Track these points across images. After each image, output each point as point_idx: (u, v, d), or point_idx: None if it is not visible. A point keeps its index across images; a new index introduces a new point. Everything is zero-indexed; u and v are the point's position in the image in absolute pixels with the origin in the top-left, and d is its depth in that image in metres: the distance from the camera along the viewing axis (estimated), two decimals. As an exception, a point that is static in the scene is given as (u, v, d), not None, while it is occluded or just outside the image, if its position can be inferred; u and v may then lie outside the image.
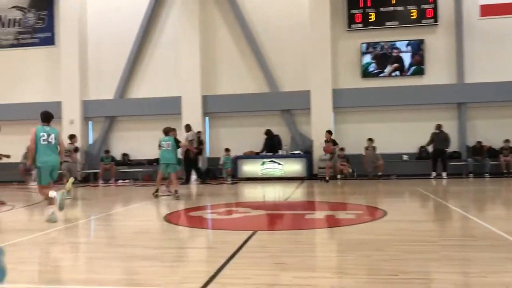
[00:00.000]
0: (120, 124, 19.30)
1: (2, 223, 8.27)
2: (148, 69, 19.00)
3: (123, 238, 6.54)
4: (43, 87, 19.57)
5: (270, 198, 12.04)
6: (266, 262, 4.68)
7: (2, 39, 19.92)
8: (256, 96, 17.95)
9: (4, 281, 3.64)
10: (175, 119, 18.23)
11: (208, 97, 18.23)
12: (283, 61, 18.12)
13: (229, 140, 18.06)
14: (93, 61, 19.28)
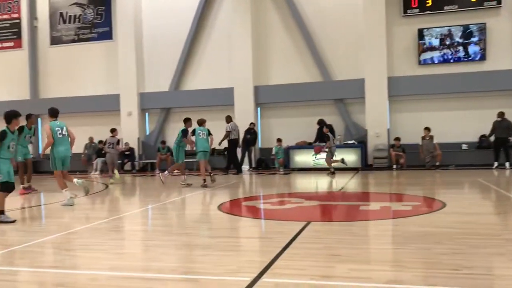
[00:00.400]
0: (175, 115, 19.69)
1: (65, 212, 8.68)
2: (201, 61, 19.24)
3: (179, 226, 6.70)
4: (102, 80, 20.29)
5: (323, 189, 11.93)
6: (320, 253, 4.64)
7: (63, 35, 20.80)
8: (308, 86, 17.76)
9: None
10: (227, 110, 18.41)
11: (260, 88, 18.24)
12: (336, 49, 17.80)
13: (281, 130, 18.02)
14: (148, 55, 19.76)
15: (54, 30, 20.81)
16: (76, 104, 20.02)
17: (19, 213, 8.04)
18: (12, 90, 21.10)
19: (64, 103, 20.25)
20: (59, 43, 20.77)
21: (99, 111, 19.82)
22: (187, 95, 19.11)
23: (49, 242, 5.60)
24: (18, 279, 4.09)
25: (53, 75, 20.92)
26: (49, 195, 11.43)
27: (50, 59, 20.96)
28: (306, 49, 17.93)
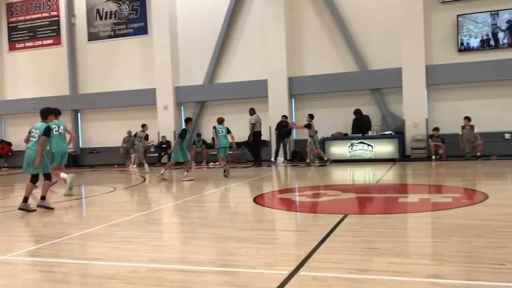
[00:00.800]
0: (209, 108, 19.84)
1: (105, 204, 8.89)
2: (235, 54, 19.26)
3: (215, 219, 6.75)
4: (139, 75, 20.62)
5: (360, 181, 11.78)
6: (358, 246, 4.58)
7: (100, 31, 21.23)
8: (343, 76, 17.51)
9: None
10: (261, 102, 18.40)
11: (294, 79, 18.11)
12: (372, 38, 17.45)
13: (315, 122, 17.75)
14: (183, 49, 19.92)
15: (91, 27, 21.26)
16: (114, 99, 20.47)
17: (60, 206, 8.29)
18: (53, 86, 21.73)
19: (102, 98, 20.80)
20: (96, 39, 21.22)
21: (136, 105, 20.18)
22: (221, 88, 19.19)
23: (90, 234, 5.75)
24: (61, 271, 4.21)
25: (91, 70, 21.42)
26: (89, 188, 11.74)
27: (88, 55, 21.45)
28: (340, 38, 17.67)
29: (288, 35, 18.00)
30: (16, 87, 22.62)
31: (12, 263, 4.52)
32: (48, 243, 5.35)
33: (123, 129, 19.59)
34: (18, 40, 22.58)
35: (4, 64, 22.89)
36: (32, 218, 7.36)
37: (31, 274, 4.09)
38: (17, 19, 22.53)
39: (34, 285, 3.77)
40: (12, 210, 8.15)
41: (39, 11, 22.17)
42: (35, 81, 22.21)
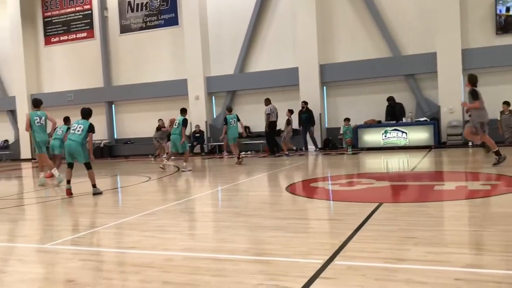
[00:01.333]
0: (240, 97, 19.86)
1: (141, 194, 9.05)
2: (265, 42, 19.17)
3: (249, 208, 6.77)
4: (170, 66, 20.81)
5: (395, 169, 11.58)
6: (394, 235, 4.51)
7: (132, 23, 21.48)
8: (376, 62, 17.18)
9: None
10: (292, 90, 18.29)
11: (326, 66, 17.89)
12: (405, 22, 17.03)
13: (348, 109, 17.64)
14: (213, 39, 19.96)
15: (123, 19, 21.54)
16: (147, 90, 20.75)
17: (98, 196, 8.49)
18: (87, 78, 22.20)
19: (135, 89, 21.11)
20: (128, 31, 21.50)
21: (168, 96, 20.39)
22: (251, 77, 19.17)
23: (126, 223, 5.87)
24: (99, 259, 4.32)
25: (124, 62, 21.75)
26: (124, 178, 11.97)
27: (120, 48, 21.78)
28: (373, 23, 17.32)
29: (319, 21, 17.76)
30: (52, 81, 23.22)
31: (53, 251, 4.66)
32: (86, 232, 5.49)
33: (156, 120, 19.85)
34: (53, 34, 23.12)
35: (40, 58, 23.50)
36: (70, 208, 7.57)
37: (71, 262, 4.21)
38: (52, 14, 23.05)
39: (74, 273, 3.87)
40: (51, 200, 8.41)
41: (72, 5, 22.60)
42: (71, 74, 22.73)
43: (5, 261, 4.56)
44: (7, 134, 24.43)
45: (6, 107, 23.98)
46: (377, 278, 3.32)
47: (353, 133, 16.56)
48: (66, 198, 8.29)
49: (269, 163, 13.75)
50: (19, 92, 23.11)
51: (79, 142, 8.42)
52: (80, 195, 8.68)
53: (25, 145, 22.93)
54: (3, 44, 23.63)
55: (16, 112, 23.42)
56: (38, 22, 23.39)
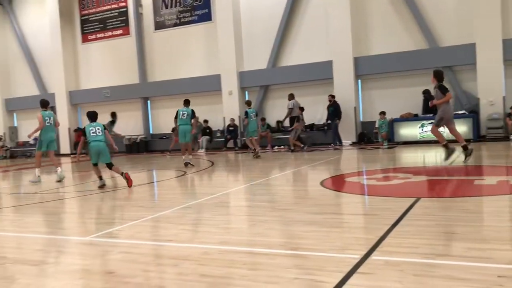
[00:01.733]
0: (273, 92, 19.83)
1: (177, 188, 9.18)
2: (298, 36, 19.04)
3: (283, 202, 6.76)
4: (204, 61, 20.97)
5: (432, 163, 11.33)
6: (433, 231, 4.41)
7: (166, 20, 21.74)
8: (412, 54, 16.80)
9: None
10: (326, 84, 18.13)
11: (360, 59, 17.62)
12: (443, 12, 16.57)
13: (383, 103, 17.35)
14: (246, 34, 19.97)
15: (158, 16, 21.82)
16: (181, 86, 20.98)
17: (134, 189, 8.66)
18: (123, 75, 22.64)
19: (170, 85, 21.39)
20: (162, 27, 21.77)
21: (202, 91, 20.56)
22: (285, 71, 19.10)
23: (164, 216, 5.96)
24: (138, 252, 4.40)
25: (158, 59, 22.05)
26: (161, 172, 12.17)
27: (155, 44, 22.09)
28: (408, 14, 16.95)
29: (353, 13, 17.50)
30: (89, 77, 23.80)
31: (93, 243, 4.79)
32: (125, 225, 5.61)
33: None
34: (90, 32, 23.66)
35: (78, 55, 24.11)
36: (108, 202, 7.75)
37: (111, 254, 4.31)
38: (89, 12, 23.58)
39: (114, 265, 3.97)
40: (90, 194, 8.63)
41: (108, 3, 23.05)
42: (107, 70, 23.23)
43: (47, 252, 4.72)
44: (48, 130, 25.20)
45: (46, 103, 24.69)
46: (415, 274, 3.26)
47: (388, 127, 16.29)
48: (104, 192, 8.50)
49: (302, 157, 13.69)
50: (58, 89, 23.81)
51: (104, 141, 9.24)
52: (116, 189, 8.88)
53: (64, 141, 23.62)
54: (43, 42, 24.36)
55: (55, 108, 24.11)
56: (75, 20, 23.98)
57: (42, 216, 6.92)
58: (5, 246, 5.13)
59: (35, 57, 25.18)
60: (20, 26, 25.39)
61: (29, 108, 23.39)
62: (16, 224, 6.45)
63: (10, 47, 25.80)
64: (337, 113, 16.97)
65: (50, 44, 23.75)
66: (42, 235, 5.49)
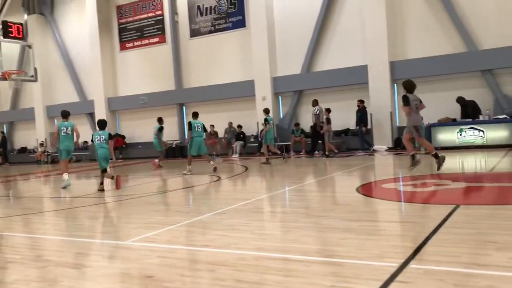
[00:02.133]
0: (307, 97, 19.74)
1: (212, 193, 9.27)
2: (332, 41, 18.92)
3: (318, 208, 6.72)
4: (238, 67, 21.12)
5: (472, 169, 11.03)
6: (474, 239, 4.30)
7: (201, 27, 22.04)
8: (450, 57, 16.41)
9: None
10: (361, 89, 17.94)
11: (396, 63, 17.35)
12: (482, 14, 16.13)
13: (420, 107, 16.99)
14: (280, 39, 19.99)
15: (193, 23, 22.15)
16: (215, 92, 21.20)
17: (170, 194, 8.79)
18: (159, 82, 23.07)
19: (205, 91, 21.65)
20: (197, 35, 22.07)
21: (236, 97, 20.70)
22: (319, 76, 19.01)
23: (199, 222, 6.03)
24: (175, 257, 4.47)
25: (194, 65, 22.36)
26: (195, 177, 12.30)
27: (190, 51, 22.42)
28: (446, 17, 16.58)
29: (389, 17, 17.25)
30: (127, 84, 24.37)
31: (132, 248, 4.89)
32: (162, 230, 5.71)
33: (225, 121, 20.25)
34: (128, 40, 24.23)
35: (116, 63, 24.72)
36: (145, 206, 7.90)
37: (149, 259, 4.40)
38: (126, 20, 24.17)
39: (153, 269, 4.04)
40: (128, 199, 8.81)
41: (145, 11, 23.57)
42: (144, 77, 23.72)
43: (88, 256, 4.85)
44: (87, 136, 25.91)
45: (85, 110, 25.45)
46: (456, 284, 3.19)
47: (426, 132, 15.94)
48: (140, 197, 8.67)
49: (337, 163, 13.57)
50: (97, 96, 24.48)
51: (107, 148, 10.15)
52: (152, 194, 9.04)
53: (103, 146, 24.19)
54: (82, 51, 25.13)
55: (94, 115, 24.80)
56: (113, 29, 24.62)
57: (82, 220, 7.12)
58: (48, 249, 5.31)
59: (75, 65, 25.99)
60: (61, 36, 26.28)
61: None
62: (58, 228, 6.66)
63: (51, 56, 26.73)
64: (363, 119, 16.81)
65: (89, 52, 24.47)
66: (83, 239, 5.65)
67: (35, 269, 4.35)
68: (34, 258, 4.80)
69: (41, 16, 26.55)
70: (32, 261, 4.65)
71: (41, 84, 25.07)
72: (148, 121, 15.59)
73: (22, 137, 28.69)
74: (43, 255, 4.95)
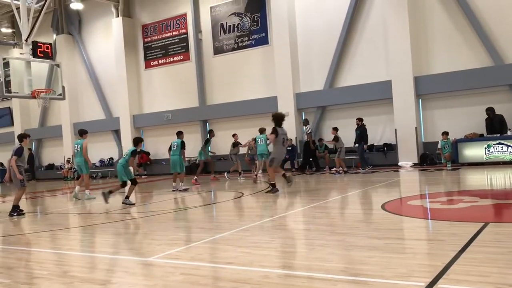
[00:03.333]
0: (330, 113, 19.69)
1: (235, 209, 9.26)
2: (356, 56, 18.87)
3: (343, 226, 6.64)
4: (260, 84, 21.21)
5: (500, 186, 10.76)
6: (504, 258, 4.17)
7: (224, 45, 22.29)
8: (476, 72, 16.15)
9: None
10: (385, 104, 17.79)
11: (421, 78, 17.16)
12: (508, 27, 15.85)
13: (446, 123, 16.74)
14: (303, 55, 20.04)
15: (216, 41, 22.41)
16: (238, 108, 21.32)
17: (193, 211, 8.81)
18: (184, 99, 23.34)
19: (228, 108, 21.80)
20: (221, 52, 22.31)
21: (259, 113, 20.75)
22: (342, 92, 18.94)
23: (223, 239, 6.02)
24: (199, 274, 4.47)
25: (217, 82, 22.56)
26: (219, 193, 12.33)
27: (213, 69, 22.64)
28: (471, 31, 16.37)
29: (413, 31, 17.12)
30: (152, 102, 24.72)
31: (155, 264, 4.91)
32: (186, 246, 5.72)
33: (248, 137, 20.26)
34: (153, 58, 24.66)
35: (141, 81, 25.15)
36: (169, 223, 7.94)
37: (173, 276, 4.40)
38: (151, 39, 24.62)
39: (175, 286, 4.04)
40: (152, 215, 8.87)
41: (170, 30, 23.98)
42: (168, 95, 24.04)
43: (112, 272, 4.89)
44: (112, 152, 26.33)
45: (111, 127, 25.89)
46: (487, 305, 3.09)
47: (452, 148, 15.68)
48: (165, 213, 8.71)
49: (361, 179, 13.43)
50: (123, 113, 24.89)
51: (122, 164, 10.85)
52: (174, 210, 9.08)
53: (128, 163, 24.53)
54: (109, 69, 25.67)
55: (120, 131, 25.18)
56: (139, 48, 25.10)
57: (107, 236, 7.19)
58: (73, 265, 5.37)
59: (101, 83, 26.55)
60: (88, 54, 26.93)
61: (95, 131, 24.57)
62: (84, 244, 6.74)
63: (79, 74, 27.38)
64: (363, 137, 16.76)
65: (115, 70, 24.98)
66: (108, 255, 5.70)
67: (61, 285, 4.40)
68: (60, 274, 4.86)
69: (69, 36, 27.29)
70: (59, 277, 4.71)
71: (68, 102, 25.64)
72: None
73: (49, 154, 29.30)
74: (69, 271, 5.01)
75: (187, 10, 23.12)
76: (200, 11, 22.83)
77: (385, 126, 18.15)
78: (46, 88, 17.04)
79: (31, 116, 29.86)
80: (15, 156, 9.73)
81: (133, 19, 25.08)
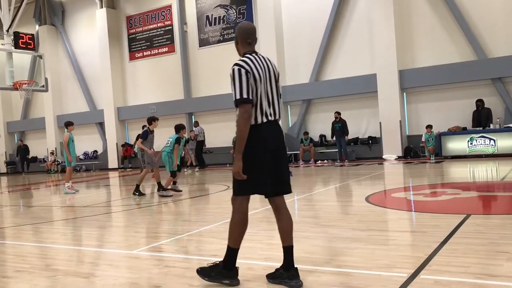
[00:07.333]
0: (316, 106, 19.75)
1: (220, 202, 9.26)
2: (341, 50, 18.93)
3: (327, 218, 6.69)
4: (246, 76, 21.13)
5: (483, 178, 10.92)
6: (485, 249, 4.25)
7: (210, 37, 22.17)
8: (459, 66, 16.33)
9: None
10: (370, 98, 17.91)
11: (405, 72, 17.30)
12: (491, 22, 16.05)
13: (430, 116, 16.93)
14: (289, 48, 20.05)
15: (202, 33, 22.29)
16: (224, 101, 21.21)
17: (179, 204, 8.79)
18: (169, 91, 23.19)
19: (213, 100, 21.72)
20: (206, 44, 22.21)
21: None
22: (327, 85, 19.01)
23: (208, 231, 6.02)
24: (183, 266, 4.46)
25: (203, 75, 22.46)
26: (204, 186, 12.31)
27: (199, 61, 22.53)
28: (455, 25, 16.54)
29: (398, 26, 17.24)
30: (136, 94, 24.53)
31: (139, 257, 4.89)
32: (170, 239, 5.70)
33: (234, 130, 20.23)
34: (137, 50, 24.43)
35: (126, 73, 24.92)
36: (154, 215, 7.91)
37: (157, 268, 4.39)
38: (136, 31, 24.38)
39: (160, 279, 4.04)
40: (135, 208, 8.82)
41: (154, 21, 23.76)
42: (153, 87, 23.87)
43: (96, 265, 4.86)
44: (96, 145, 26.10)
45: (95, 120, 25.64)
46: (467, 295, 3.14)
47: (436, 141, 15.86)
48: (150, 205, 8.67)
49: (346, 172, 13.52)
50: (107, 105, 24.65)
51: (167, 152, 10.58)
52: (162, 203, 9.05)
53: (113, 156, 24.36)
54: (92, 61, 25.38)
55: (104, 124, 24.95)
56: (123, 39, 24.85)
57: (91, 229, 7.13)
58: (56, 258, 5.32)
59: (85, 75, 26.24)
60: (71, 46, 26.58)
61: (79, 124, 24.27)
62: (67, 237, 6.68)
63: (62, 66, 27.02)
64: (344, 130, 17.20)
65: (99, 62, 24.71)
66: (91, 248, 5.66)
67: (44, 278, 4.36)
68: (43, 268, 4.81)
69: (52, 27, 26.89)
70: (42, 270, 4.66)
71: (51, 94, 25.31)
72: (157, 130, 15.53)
73: (33, 147, 28.93)
74: (52, 264, 4.96)
75: (172, 1, 22.94)
76: (185, 2, 22.66)
77: (370, 119, 18.29)
78: (28, 80, 16.81)
79: (13, 108, 29.44)
80: (140, 139, 10.85)
81: (117, 10, 24.79)
